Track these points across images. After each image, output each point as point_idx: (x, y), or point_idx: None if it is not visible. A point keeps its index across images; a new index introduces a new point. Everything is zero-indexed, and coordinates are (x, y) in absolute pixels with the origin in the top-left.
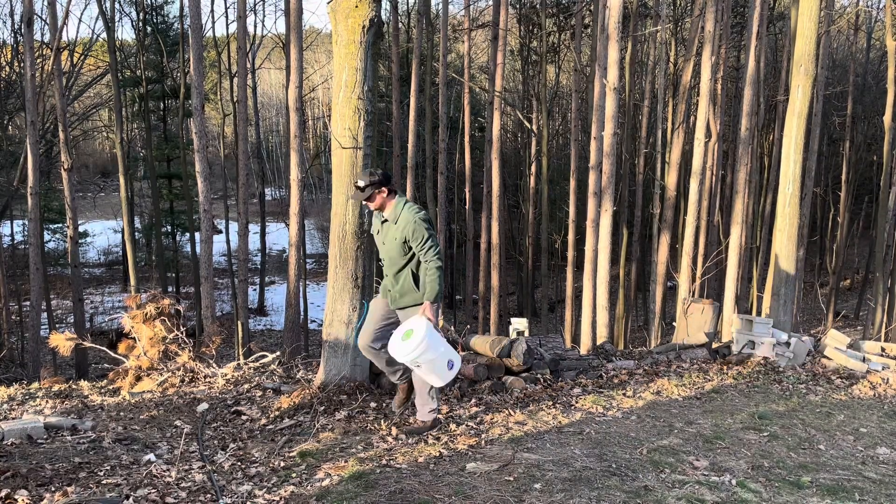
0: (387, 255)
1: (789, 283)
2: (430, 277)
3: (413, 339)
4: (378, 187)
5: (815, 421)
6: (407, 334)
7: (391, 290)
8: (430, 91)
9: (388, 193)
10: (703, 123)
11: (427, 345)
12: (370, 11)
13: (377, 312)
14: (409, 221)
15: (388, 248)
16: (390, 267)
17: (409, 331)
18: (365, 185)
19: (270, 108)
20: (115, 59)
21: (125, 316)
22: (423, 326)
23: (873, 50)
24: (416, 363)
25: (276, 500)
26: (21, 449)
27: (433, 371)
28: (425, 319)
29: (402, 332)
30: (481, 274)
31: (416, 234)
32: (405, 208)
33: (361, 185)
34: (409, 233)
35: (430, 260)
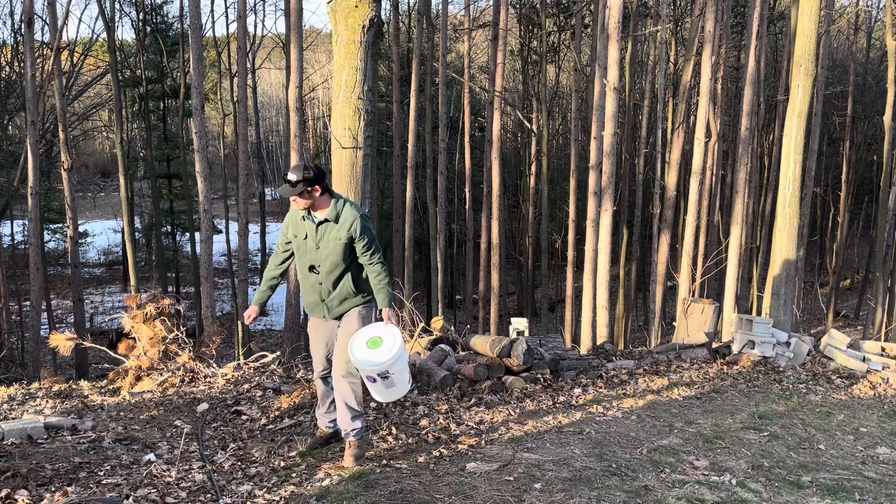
0: (325, 260)
1: (789, 283)
2: (383, 281)
3: (386, 347)
4: (311, 184)
5: (815, 421)
6: (374, 342)
7: (326, 300)
8: (430, 91)
9: (321, 192)
10: (703, 123)
11: (401, 352)
12: (370, 11)
13: (320, 336)
14: (354, 218)
15: (327, 252)
16: (328, 274)
17: (375, 339)
18: (297, 180)
19: (270, 108)
20: (115, 59)
21: (125, 316)
22: (394, 333)
23: (873, 50)
24: (384, 374)
25: (276, 500)
26: (21, 449)
27: (395, 384)
28: (393, 326)
29: (364, 339)
30: (481, 274)
31: (363, 233)
32: (347, 205)
33: (293, 179)
34: (356, 231)
35: (378, 262)
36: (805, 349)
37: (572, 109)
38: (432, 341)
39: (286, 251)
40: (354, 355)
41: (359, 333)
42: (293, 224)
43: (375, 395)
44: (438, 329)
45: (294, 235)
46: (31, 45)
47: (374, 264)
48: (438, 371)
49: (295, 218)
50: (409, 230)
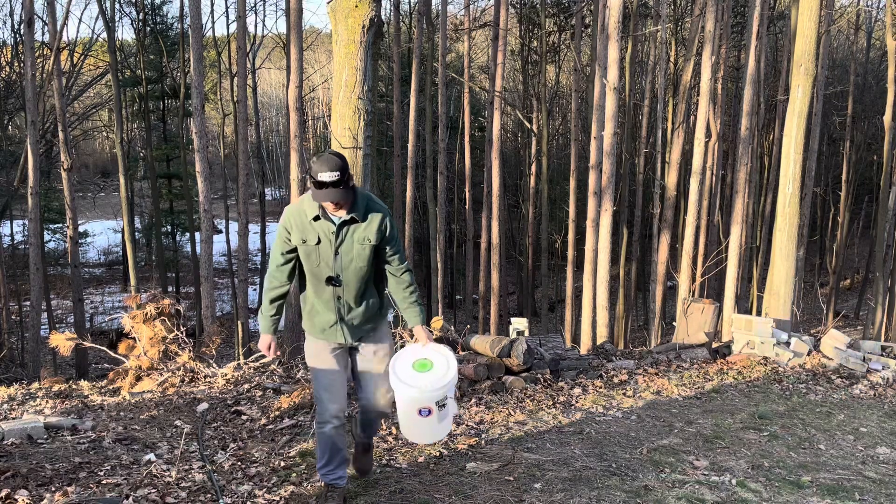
0: (348, 269)
1: (789, 283)
2: (416, 293)
3: (442, 365)
4: (351, 179)
5: (815, 421)
6: (422, 365)
7: (347, 318)
8: (430, 91)
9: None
10: (703, 123)
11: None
12: (370, 11)
13: (337, 369)
14: (384, 216)
15: (350, 258)
16: (352, 286)
17: (421, 361)
18: (341, 176)
19: (270, 108)
20: (115, 59)
21: (125, 316)
22: (438, 349)
23: (873, 50)
24: (443, 402)
25: (276, 500)
26: (21, 449)
27: (448, 413)
28: (432, 344)
29: (407, 364)
30: (481, 274)
31: (393, 231)
32: (371, 199)
33: (336, 177)
34: (386, 231)
35: (408, 269)
36: (805, 349)
37: (572, 109)
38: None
39: (289, 261)
40: (410, 383)
41: (397, 359)
42: (298, 227)
43: (423, 434)
44: (438, 329)
45: (302, 241)
46: (31, 45)
47: (405, 272)
48: None
49: (300, 219)
50: (409, 230)
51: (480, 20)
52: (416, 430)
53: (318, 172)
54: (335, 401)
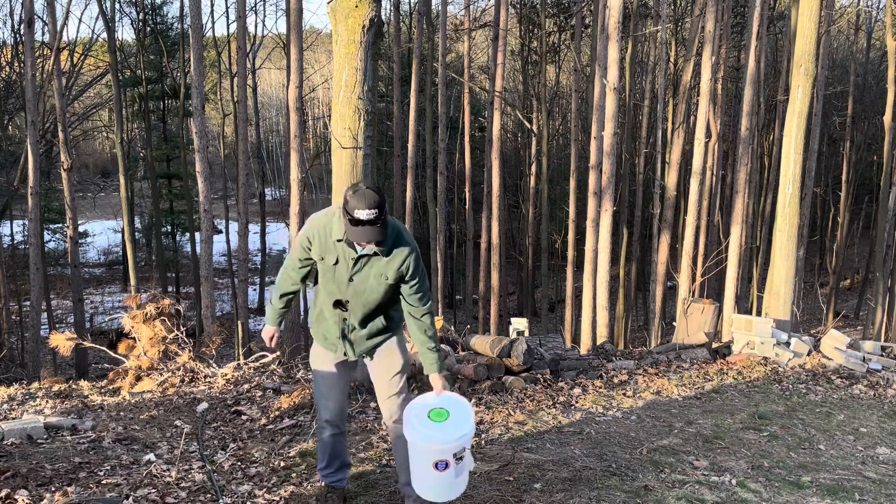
0: (358, 297)
1: (789, 283)
2: (435, 338)
3: (461, 414)
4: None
5: (815, 421)
6: (439, 414)
7: (350, 336)
8: (430, 91)
9: None
10: (703, 123)
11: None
12: (370, 11)
13: (335, 377)
14: (409, 253)
15: (363, 289)
16: (359, 312)
17: (438, 410)
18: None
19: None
20: (115, 59)
21: (125, 316)
22: (455, 398)
23: (873, 50)
24: (460, 454)
25: (276, 500)
26: (21, 449)
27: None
28: (449, 393)
29: (423, 413)
30: (481, 274)
31: (416, 272)
32: (400, 233)
33: (373, 215)
34: (408, 269)
35: (429, 310)
36: (805, 349)
37: (572, 109)
38: None
39: (304, 267)
40: (425, 434)
41: (411, 408)
42: (321, 243)
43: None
44: (438, 329)
45: (321, 257)
46: (31, 45)
47: (425, 315)
48: None
49: (324, 235)
50: (409, 230)
51: (480, 20)
52: (432, 486)
53: (355, 209)
54: (329, 408)
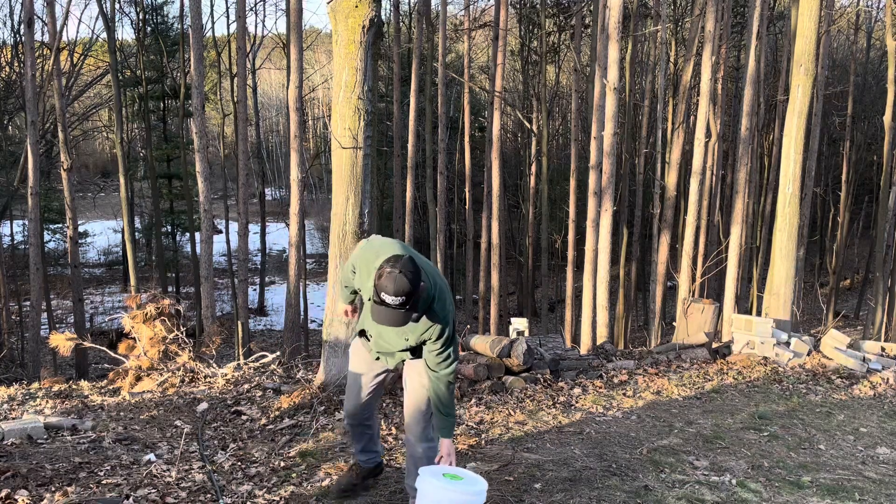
0: (381, 338)
1: (789, 283)
2: (449, 406)
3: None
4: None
5: (815, 421)
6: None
7: (382, 354)
8: (430, 91)
9: None
10: (703, 123)
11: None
12: (370, 11)
13: (363, 377)
14: (436, 327)
15: (386, 336)
16: (382, 346)
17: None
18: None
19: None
20: (115, 59)
21: (125, 316)
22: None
23: (873, 50)
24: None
25: (276, 500)
26: (21, 449)
27: None
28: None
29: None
30: (481, 274)
31: (440, 339)
32: (435, 304)
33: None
34: (430, 337)
35: (448, 378)
36: (805, 349)
37: (572, 109)
38: None
39: (349, 288)
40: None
41: (425, 471)
42: (360, 276)
43: None
44: None
45: (358, 288)
46: (31, 46)
47: (442, 378)
48: None
49: (366, 269)
50: (409, 230)
51: (480, 20)
52: None
53: (382, 291)
54: (350, 402)
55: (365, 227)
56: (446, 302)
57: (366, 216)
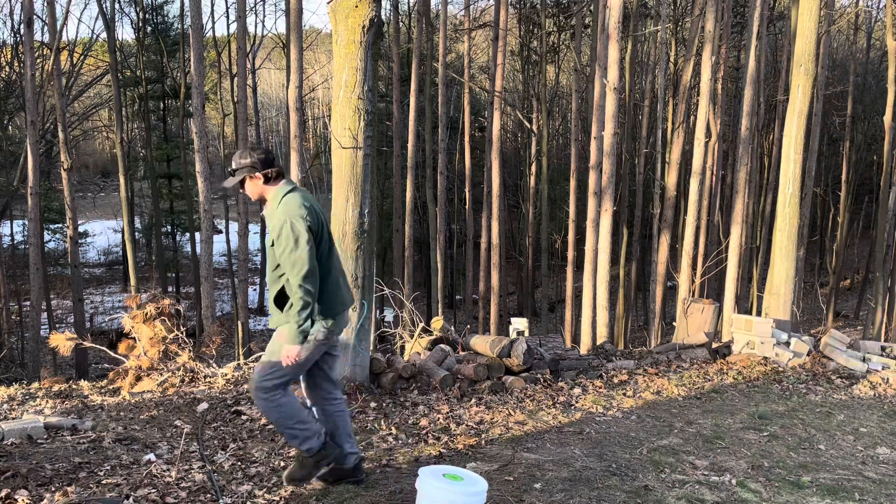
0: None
1: (789, 283)
2: (295, 308)
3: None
4: (251, 171)
5: (815, 421)
6: (454, 476)
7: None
8: (430, 91)
9: (264, 180)
10: (703, 123)
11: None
12: (370, 11)
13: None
14: (280, 220)
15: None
16: (269, 276)
17: (450, 475)
18: (233, 168)
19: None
20: (115, 59)
21: (125, 316)
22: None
23: (873, 50)
24: None
25: (276, 500)
26: (21, 449)
27: None
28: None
29: (438, 474)
30: (481, 274)
31: (281, 235)
32: (283, 201)
33: (231, 167)
34: (275, 234)
35: (293, 279)
36: (805, 349)
37: (572, 109)
38: (432, 341)
39: None
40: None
41: (427, 473)
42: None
43: None
44: (438, 329)
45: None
46: (31, 45)
47: (287, 281)
48: (438, 371)
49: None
50: (409, 230)
51: (480, 20)
52: None
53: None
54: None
55: (365, 227)
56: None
57: (366, 216)
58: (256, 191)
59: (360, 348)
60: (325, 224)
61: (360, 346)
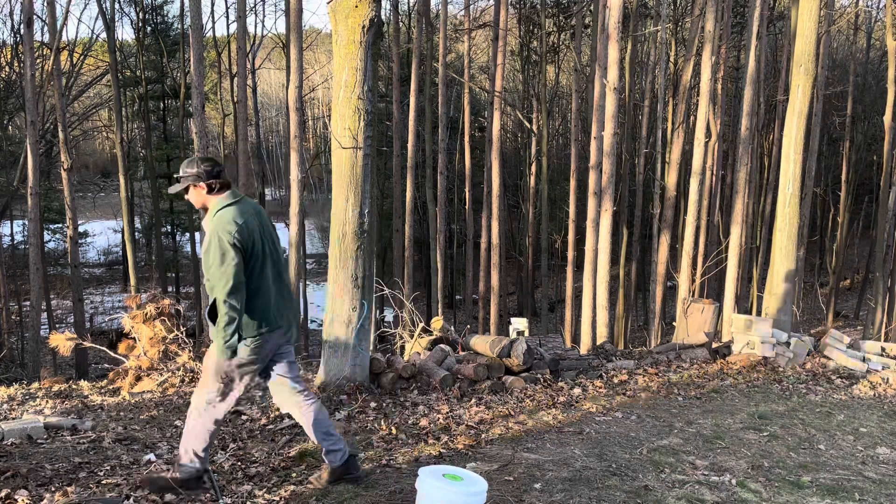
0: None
1: (789, 283)
2: (220, 324)
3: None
4: (196, 180)
5: (815, 421)
6: (454, 476)
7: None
8: (429, 91)
9: (207, 190)
10: (703, 123)
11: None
12: (370, 11)
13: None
14: (209, 234)
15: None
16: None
17: (450, 475)
18: (179, 175)
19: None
20: (115, 59)
21: (125, 316)
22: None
23: (873, 50)
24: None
25: (276, 500)
26: (21, 449)
27: None
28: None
29: (438, 474)
30: (481, 274)
31: (210, 249)
32: (217, 214)
33: (178, 174)
34: (204, 247)
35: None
36: (805, 349)
37: (572, 109)
38: (432, 341)
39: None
40: (447, 487)
41: (427, 473)
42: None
43: None
44: (438, 329)
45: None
46: (31, 46)
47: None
48: (438, 371)
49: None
50: (409, 230)
51: (480, 20)
52: None
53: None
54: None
55: (365, 227)
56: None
57: (366, 216)
58: (200, 200)
59: (360, 348)
60: (264, 240)
61: (360, 346)
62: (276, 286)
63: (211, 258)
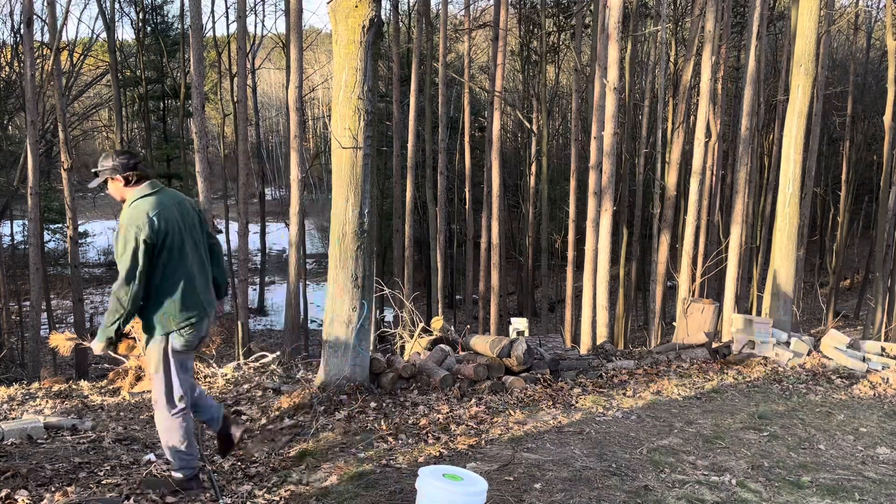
0: None
1: (789, 283)
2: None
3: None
4: (112, 173)
5: (815, 421)
6: (454, 476)
7: None
8: (430, 91)
9: (125, 182)
10: (703, 123)
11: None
12: (370, 11)
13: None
14: (120, 225)
15: None
16: None
17: (450, 475)
18: (97, 169)
19: (270, 108)
20: (115, 59)
21: None
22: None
23: (873, 50)
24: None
25: (276, 500)
26: (21, 449)
27: None
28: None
29: (438, 475)
30: (481, 274)
31: (118, 240)
32: (131, 206)
33: (95, 169)
34: (115, 237)
35: (114, 286)
36: (805, 349)
37: (572, 109)
38: (432, 341)
39: None
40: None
41: (426, 473)
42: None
43: None
44: (438, 329)
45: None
46: (31, 46)
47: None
48: (438, 371)
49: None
50: (409, 230)
51: (480, 20)
52: None
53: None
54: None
55: (365, 227)
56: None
57: (366, 216)
58: (118, 192)
59: (360, 348)
60: (183, 231)
61: (360, 346)
62: (201, 275)
63: (118, 249)
